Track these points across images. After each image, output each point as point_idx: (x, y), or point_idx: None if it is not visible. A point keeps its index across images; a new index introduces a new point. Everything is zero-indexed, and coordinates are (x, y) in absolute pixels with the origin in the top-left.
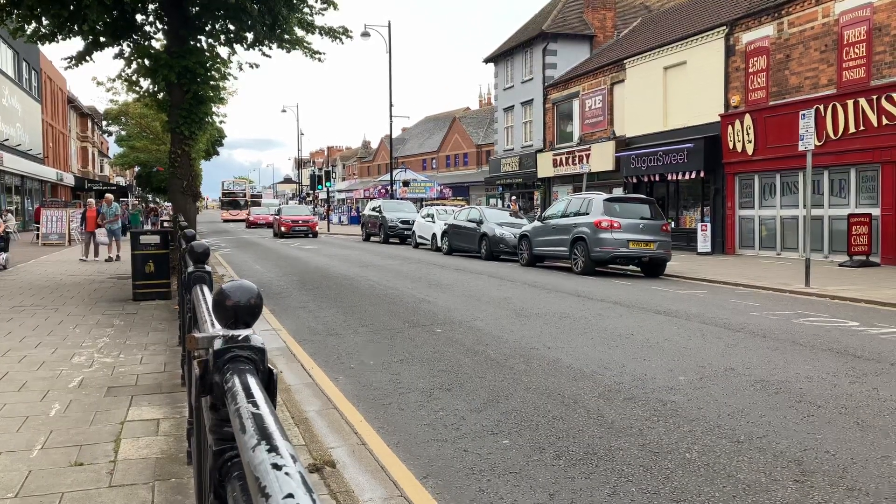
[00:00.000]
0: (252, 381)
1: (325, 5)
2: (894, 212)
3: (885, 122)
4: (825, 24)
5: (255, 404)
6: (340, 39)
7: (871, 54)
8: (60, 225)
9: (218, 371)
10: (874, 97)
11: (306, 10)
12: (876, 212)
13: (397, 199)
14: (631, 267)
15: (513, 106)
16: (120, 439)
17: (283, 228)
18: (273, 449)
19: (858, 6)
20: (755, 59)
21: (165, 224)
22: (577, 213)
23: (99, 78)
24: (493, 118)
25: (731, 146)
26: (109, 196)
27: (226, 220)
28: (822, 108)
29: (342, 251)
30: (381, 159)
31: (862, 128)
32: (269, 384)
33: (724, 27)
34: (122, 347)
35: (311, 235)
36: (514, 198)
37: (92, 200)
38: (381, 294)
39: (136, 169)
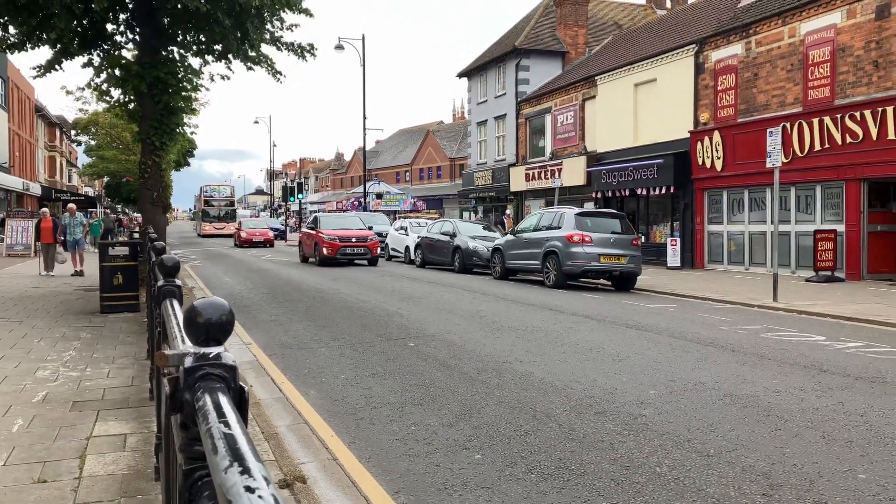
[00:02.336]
0: (224, 400)
1: (299, 15)
2: (858, 228)
3: (848, 140)
4: (791, 44)
5: (226, 424)
6: (305, 57)
7: (835, 74)
8: (26, 235)
9: (189, 389)
10: (838, 116)
11: (277, 23)
12: (841, 228)
13: (370, 211)
14: (602, 281)
15: (486, 120)
16: (85, 455)
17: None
18: (246, 471)
19: (823, 27)
20: (724, 76)
21: (134, 235)
22: (549, 227)
23: (68, 87)
24: (466, 132)
25: (700, 162)
26: (73, 206)
27: (207, 236)
28: (788, 125)
29: (311, 264)
30: (354, 171)
31: (827, 145)
32: (241, 402)
33: (694, 45)
34: (89, 361)
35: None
36: (508, 213)
37: (46, 210)
38: (353, 307)
39: (106, 179)
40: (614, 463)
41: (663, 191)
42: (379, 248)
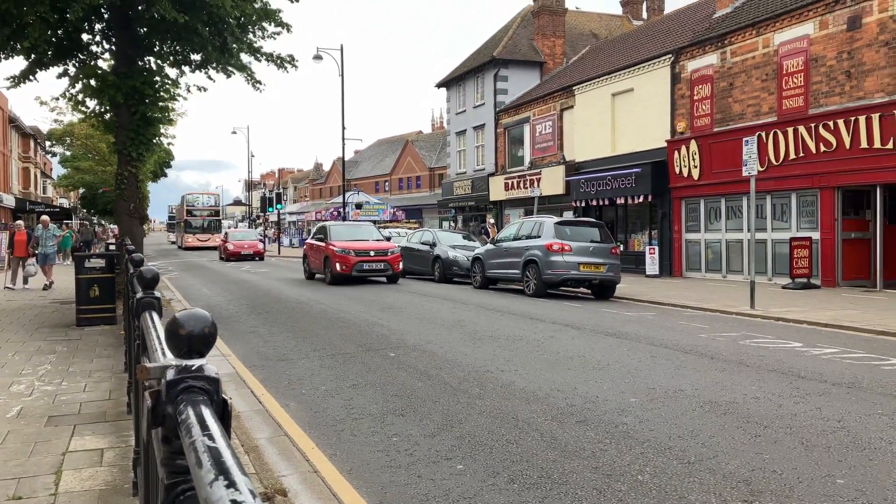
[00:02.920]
0: (207, 413)
1: (278, 28)
2: (833, 235)
3: (822, 149)
4: (766, 55)
5: (210, 437)
6: (285, 68)
7: (808, 84)
8: (1, 248)
9: (171, 402)
10: (812, 125)
11: (259, 32)
12: (816, 235)
13: (349, 221)
14: (581, 289)
15: (465, 130)
16: (61, 471)
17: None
18: (231, 484)
19: (796, 38)
20: (700, 86)
21: (110, 247)
22: (528, 237)
23: (43, 97)
24: (445, 142)
25: (677, 171)
26: (45, 218)
27: (190, 248)
28: (764, 134)
29: (293, 274)
30: (333, 181)
31: (801, 154)
32: (224, 415)
33: (670, 55)
34: (65, 375)
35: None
36: (492, 222)
37: (20, 223)
38: (333, 318)
39: (81, 191)
40: (596, 471)
41: (641, 199)
42: (401, 263)
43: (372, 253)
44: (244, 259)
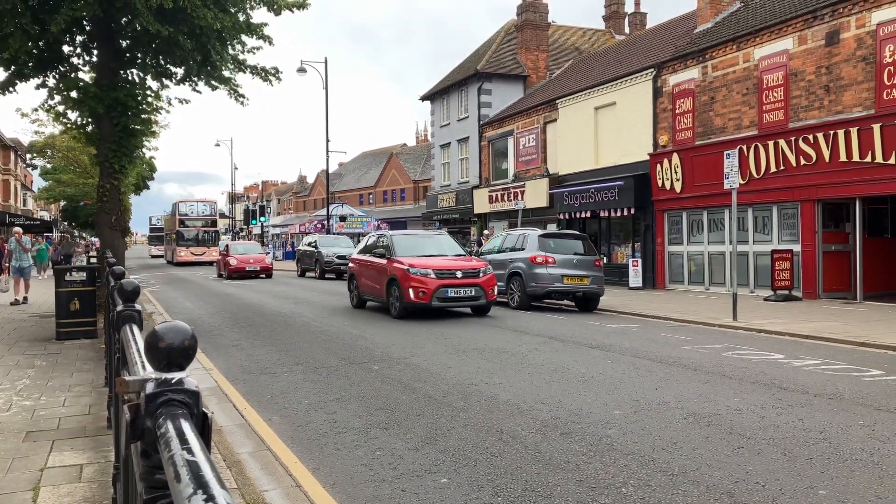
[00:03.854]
0: (186, 427)
1: (260, 41)
2: (813, 248)
3: (802, 162)
4: (746, 69)
5: (189, 451)
6: (270, 81)
7: (788, 98)
8: None
9: (150, 416)
10: (792, 138)
11: (239, 46)
12: (797, 248)
13: (334, 234)
14: (565, 301)
15: (449, 143)
16: (39, 487)
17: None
18: (210, 498)
19: (776, 52)
20: (682, 100)
21: (92, 260)
22: (512, 249)
23: (24, 109)
24: (429, 154)
25: (660, 184)
26: (18, 230)
27: (182, 263)
28: (745, 148)
29: (276, 287)
30: (317, 194)
31: (782, 167)
32: (204, 429)
33: (652, 69)
34: (44, 389)
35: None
36: (485, 233)
37: None
38: (316, 331)
39: (62, 203)
40: (580, 484)
41: (624, 212)
42: (495, 288)
43: (459, 274)
44: (248, 276)
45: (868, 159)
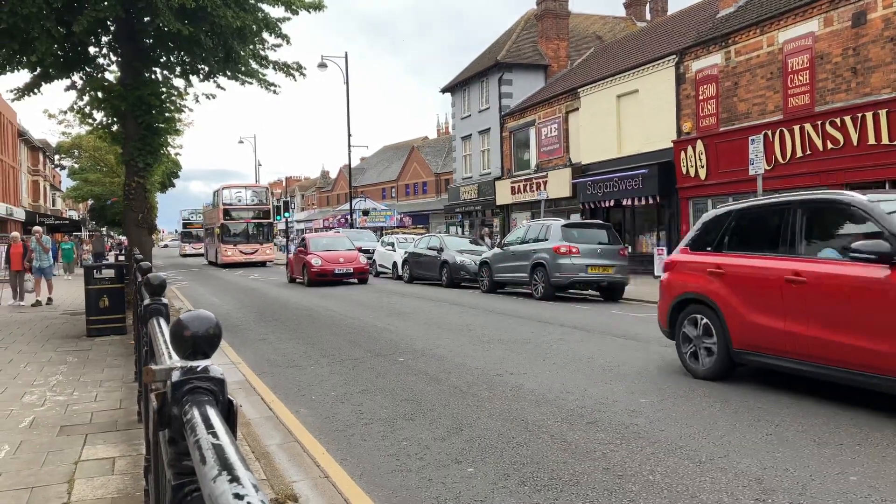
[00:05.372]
0: (212, 413)
1: (278, 40)
2: None
3: (829, 146)
4: (770, 53)
5: (214, 435)
6: (293, 76)
7: (814, 81)
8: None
9: (176, 403)
10: (819, 122)
11: (260, 44)
12: None
13: (357, 228)
14: (590, 291)
15: (470, 135)
16: (73, 480)
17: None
18: (234, 479)
19: (801, 35)
20: (705, 86)
21: (120, 258)
22: (536, 240)
23: (51, 110)
24: (451, 147)
25: (684, 171)
26: (38, 229)
27: (229, 265)
28: (770, 133)
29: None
30: (340, 189)
31: (808, 152)
32: (230, 415)
33: (674, 56)
34: (76, 385)
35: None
36: (485, 230)
37: (17, 234)
38: (341, 324)
39: (90, 202)
40: (607, 472)
41: (648, 201)
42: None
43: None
44: (336, 281)
45: None
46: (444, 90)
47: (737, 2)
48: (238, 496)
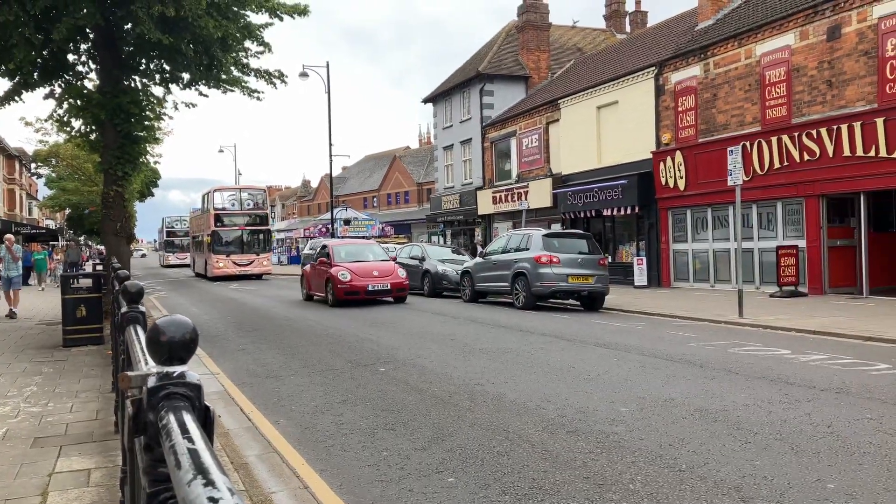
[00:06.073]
0: (188, 418)
1: (261, 48)
2: (818, 243)
3: (806, 157)
4: (748, 65)
5: (190, 440)
6: (275, 84)
7: (791, 94)
8: None
9: (152, 409)
10: (796, 134)
11: (242, 52)
12: (802, 243)
13: (338, 237)
14: (571, 301)
15: (452, 145)
16: (47, 492)
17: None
18: (210, 483)
19: (778, 48)
20: (684, 98)
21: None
22: (517, 249)
23: (28, 118)
24: (433, 157)
25: (663, 182)
26: (10, 237)
27: (222, 277)
28: (748, 144)
29: (281, 291)
30: (321, 198)
31: (786, 163)
32: (206, 421)
33: (654, 68)
34: (51, 396)
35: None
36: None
37: None
38: (322, 334)
39: (67, 211)
40: (587, 481)
41: (628, 211)
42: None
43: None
44: (369, 301)
45: (872, 154)
46: (426, 100)
47: (715, 14)
48: (213, 500)
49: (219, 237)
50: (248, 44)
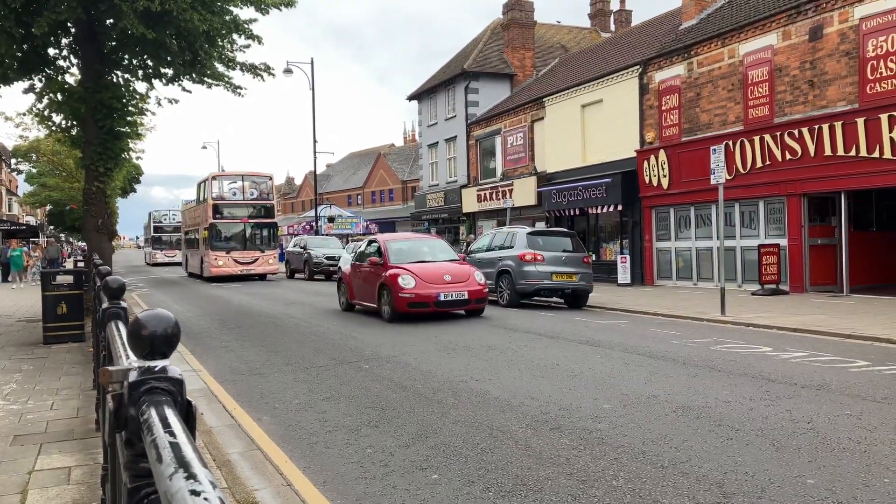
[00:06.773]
0: (170, 413)
1: (248, 41)
2: (800, 242)
3: (788, 157)
4: (731, 65)
5: (172, 434)
6: (262, 77)
7: (773, 93)
8: None
9: (133, 404)
10: (778, 133)
11: (228, 45)
12: (783, 242)
13: (322, 235)
14: (555, 299)
15: (437, 142)
16: (27, 490)
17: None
18: (191, 476)
19: (760, 48)
20: (668, 97)
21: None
22: (501, 247)
23: (7, 113)
24: (417, 154)
25: (647, 180)
26: None
27: (221, 278)
28: (731, 143)
29: (265, 289)
30: (305, 195)
31: (768, 162)
32: (188, 416)
33: (638, 66)
34: (31, 393)
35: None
36: (472, 237)
37: None
38: (306, 332)
39: (48, 207)
40: (571, 477)
41: (612, 209)
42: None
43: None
44: (440, 314)
45: (853, 153)
46: (410, 98)
47: (699, 14)
48: (194, 493)
49: (218, 231)
50: (234, 37)
